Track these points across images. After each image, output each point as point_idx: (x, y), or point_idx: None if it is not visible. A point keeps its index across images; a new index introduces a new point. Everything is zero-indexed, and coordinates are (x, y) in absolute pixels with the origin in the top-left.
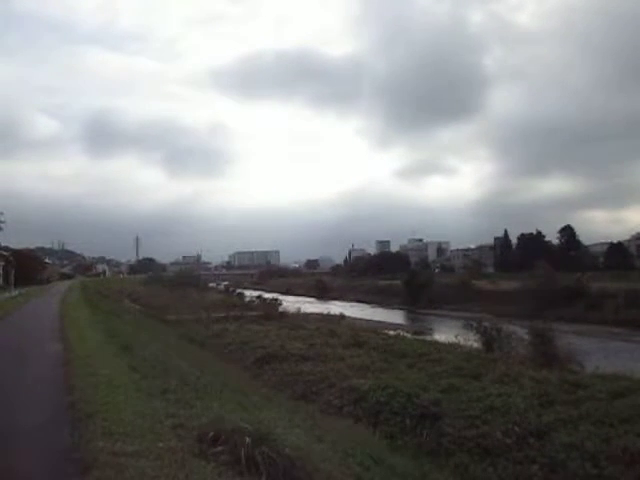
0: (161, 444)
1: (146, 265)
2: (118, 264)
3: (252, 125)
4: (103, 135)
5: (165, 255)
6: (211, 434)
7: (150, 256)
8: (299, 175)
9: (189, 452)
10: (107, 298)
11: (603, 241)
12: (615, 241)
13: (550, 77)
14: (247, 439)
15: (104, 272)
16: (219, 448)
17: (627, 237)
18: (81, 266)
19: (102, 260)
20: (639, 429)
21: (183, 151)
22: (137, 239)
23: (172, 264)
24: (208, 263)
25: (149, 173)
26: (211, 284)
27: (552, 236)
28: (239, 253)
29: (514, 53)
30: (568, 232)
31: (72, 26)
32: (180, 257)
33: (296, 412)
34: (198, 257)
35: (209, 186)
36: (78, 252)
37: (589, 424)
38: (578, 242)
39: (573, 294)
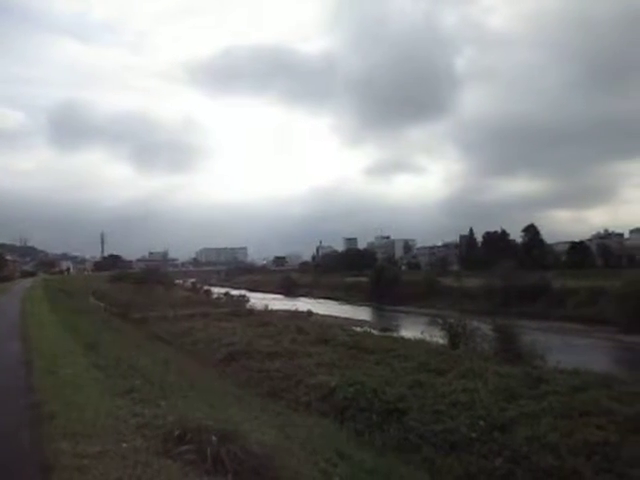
0: (125, 444)
1: (112, 262)
2: (83, 261)
3: (223, 120)
4: (70, 128)
5: (131, 252)
6: (177, 433)
7: (116, 253)
8: (269, 171)
9: (154, 452)
10: (71, 296)
11: (565, 240)
12: (577, 240)
13: (520, 79)
14: (213, 437)
15: (68, 269)
16: (185, 447)
17: (588, 236)
18: (44, 263)
19: (66, 257)
20: (598, 422)
21: (153, 146)
22: (102, 235)
23: (138, 261)
24: (175, 260)
25: (117, 168)
26: (178, 281)
27: (516, 235)
28: (206, 250)
29: (485, 54)
30: (532, 231)
31: (42, 16)
32: (147, 254)
33: (264, 409)
34: (165, 254)
35: (178, 181)
36: (41, 249)
37: (551, 417)
38: (541, 241)
39: (536, 291)
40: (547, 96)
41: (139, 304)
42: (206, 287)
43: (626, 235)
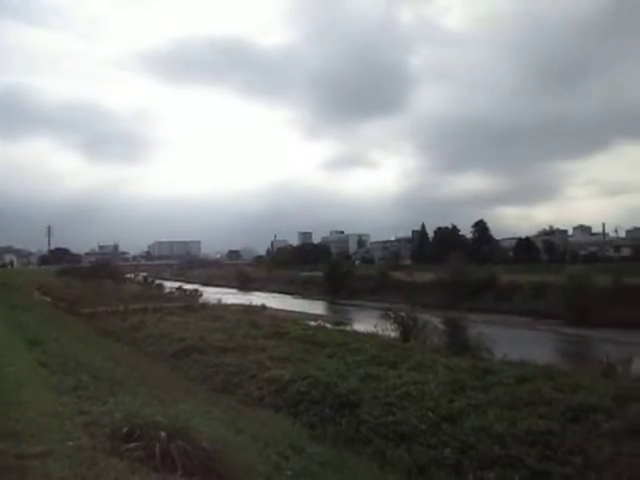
0: (71, 443)
1: (59, 256)
2: (28, 255)
3: (179, 111)
4: (15, 115)
5: (80, 245)
6: (125, 430)
7: (64, 246)
8: (225, 164)
9: (101, 450)
10: (14, 291)
11: (512, 236)
12: (523, 236)
13: (473, 79)
14: (162, 433)
15: (11, 262)
16: (133, 444)
17: (534, 233)
18: None
19: (9, 250)
20: (541, 411)
21: (104, 135)
22: (49, 228)
23: (87, 254)
24: (126, 253)
25: (66, 158)
26: (129, 275)
27: (466, 230)
28: (159, 243)
29: (441, 54)
30: (481, 227)
31: None
32: (96, 247)
33: (216, 404)
34: (115, 247)
35: (130, 173)
36: None
37: (497, 408)
38: (490, 236)
39: (484, 286)
40: (499, 96)
41: (88, 299)
42: (158, 281)
43: (570, 232)
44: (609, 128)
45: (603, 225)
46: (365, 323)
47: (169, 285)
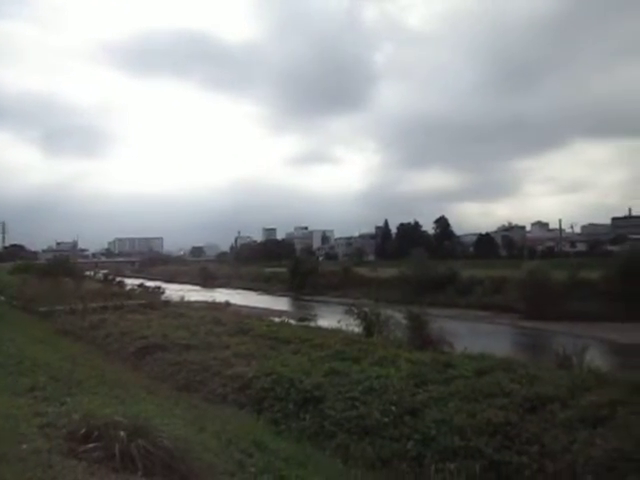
0: (25, 446)
1: (14, 253)
2: None
3: (142, 104)
4: None
5: (37, 242)
6: (82, 431)
7: (19, 243)
8: (188, 159)
9: (57, 452)
10: None
11: (473, 232)
12: (484, 232)
13: (435, 77)
14: (122, 433)
15: None
16: (91, 445)
17: (494, 228)
18: None
19: None
20: (500, 403)
21: (64, 129)
22: (3, 224)
23: (45, 252)
24: (85, 250)
25: (23, 152)
26: (88, 272)
27: (428, 226)
28: (119, 240)
29: (403, 52)
30: (443, 223)
31: None
32: (54, 244)
33: (178, 403)
34: (74, 244)
35: (90, 168)
36: None
37: (458, 400)
38: (451, 232)
39: (446, 281)
40: (460, 94)
41: (45, 297)
42: (119, 279)
43: (528, 228)
44: (566, 126)
45: (560, 221)
46: (329, 319)
47: (130, 282)
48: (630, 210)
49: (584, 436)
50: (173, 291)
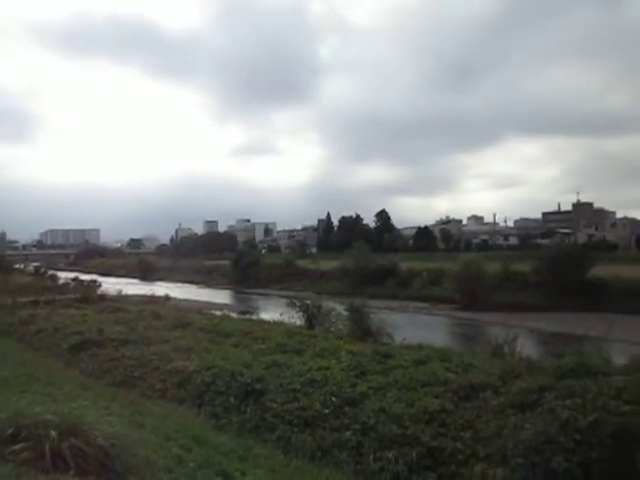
0: None
1: None
2: None
3: (76, 90)
4: None
5: None
6: (10, 431)
7: None
8: (127, 148)
9: None
10: None
11: (413, 225)
12: (423, 226)
13: (380, 72)
14: (53, 432)
15: None
16: (19, 446)
17: (433, 222)
18: None
19: None
20: (436, 391)
21: None
22: None
23: None
24: (15, 242)
25: None
26: (18, 265)
27: (370, 219)
28: (52, 231)
29: (350, 46)
30: (383, 216)
31: None
32: None
33: (114, 399)
34: (2, 235)
35: (19, 154)
36: None
37: (396, 390)
38: (392, 226)
39: (386, 273)
40: (403, 90)
41: None
42: (52, 272)
43: (465, 222)
44: (501, 123)
45: (494, 215)
46: (271, 312)
47: (64, 276)
48: (559, 205)
49: (514, 421)
50: (110, 285)
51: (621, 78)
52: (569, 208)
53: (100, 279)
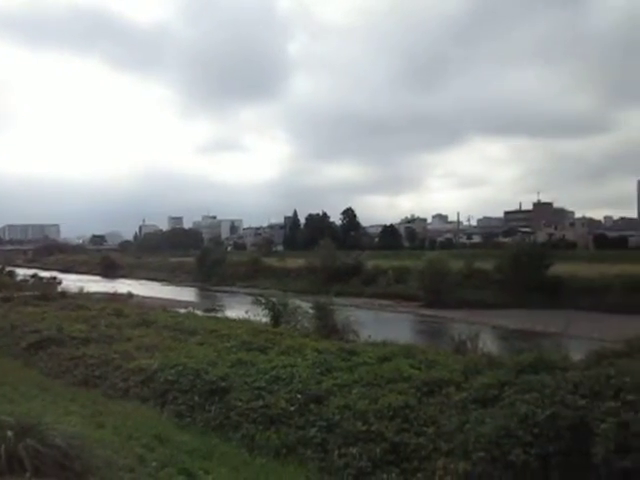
0: None
1: None
2: None
3: (34, 81)
4: None
5: None
6: None
7: None
8: (90, 142)
9: None
10: None
11: (379, 223)
12: (388, 224)
13: (349, 71)
14: (9, 433)
15: None
16: None
17: (398, 220)
18: None
19: None
20: (400, 388)
21: None
22: None
23: None
24: None
25: None
26: None
27: (336, 217)
28: (10, 226)
29: (317, 44)
30: (350, 214)
31: None
32: None
33: (74, 399)
34: None
35: None
36: None
37: (361, 387)
38: (358, 223)
39: (352, 271)
40: (371, 89)
41: None
42: (10, 268)
43: (429, 220)
44: (466, 124)
45: (458, 214)
46: (237, 309)
47: (23, 273)
48: (520, 205)
49: (475, 416)
50: (71, 282)
51: (580, 81)
52: (530, 207)
53: (60, 276)
